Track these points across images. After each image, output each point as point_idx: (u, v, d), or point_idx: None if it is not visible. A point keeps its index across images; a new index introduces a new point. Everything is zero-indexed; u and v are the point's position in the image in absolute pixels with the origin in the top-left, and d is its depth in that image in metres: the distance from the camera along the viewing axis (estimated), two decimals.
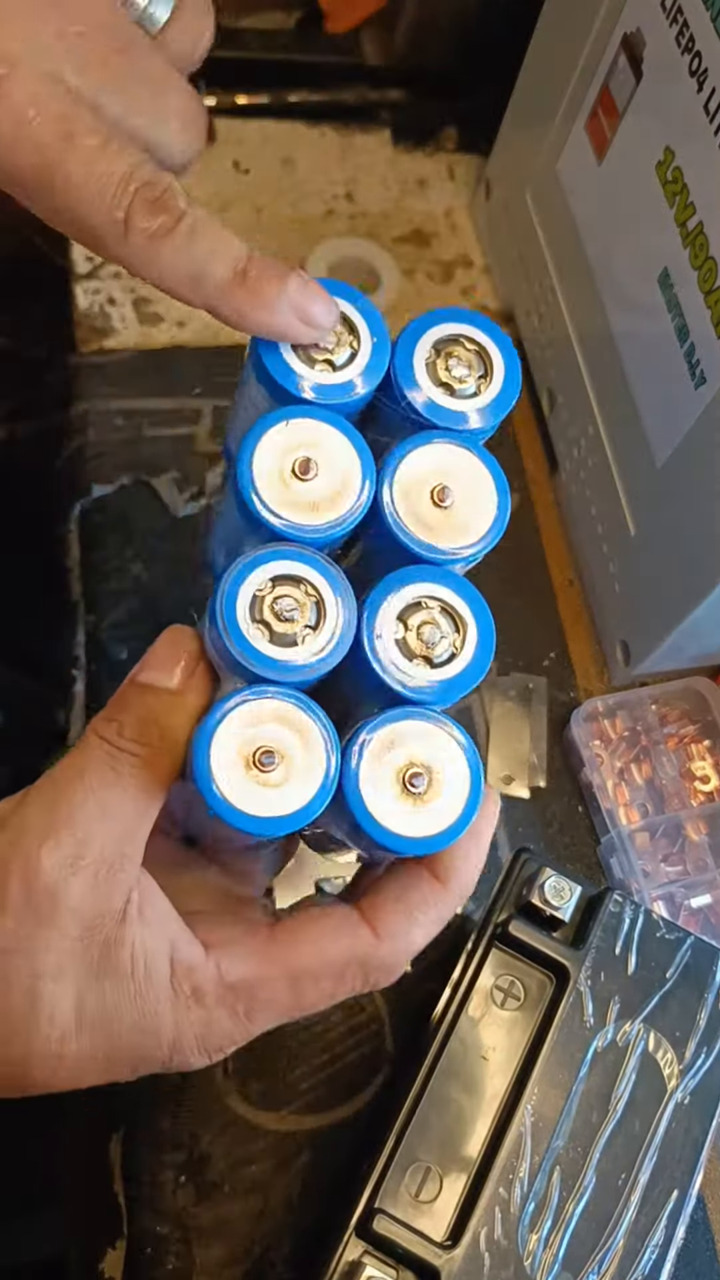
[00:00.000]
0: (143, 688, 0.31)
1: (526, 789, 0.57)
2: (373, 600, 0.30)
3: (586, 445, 0.60)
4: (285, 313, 0.30)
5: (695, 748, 0.59)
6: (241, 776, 0.29)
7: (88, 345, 0.63)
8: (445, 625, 0.31)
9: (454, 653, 0.31)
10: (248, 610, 0.29)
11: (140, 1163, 0.46)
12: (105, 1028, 0.30)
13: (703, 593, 0.50)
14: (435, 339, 0.33)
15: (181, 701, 0.31)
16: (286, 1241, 0.46)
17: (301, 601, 0.30)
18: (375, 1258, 0.39)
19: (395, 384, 0.32)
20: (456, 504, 0.32)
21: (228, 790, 0.29)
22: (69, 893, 0.29)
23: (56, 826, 0.29)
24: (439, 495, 0.32)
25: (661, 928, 0.44)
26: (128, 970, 0.30)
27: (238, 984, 0.31)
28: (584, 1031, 0.42)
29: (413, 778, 0.30)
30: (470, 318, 0.33)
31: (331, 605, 0.30)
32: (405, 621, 0.31)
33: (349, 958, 0.32)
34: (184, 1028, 0.31)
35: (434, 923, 0.33)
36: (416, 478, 0.32)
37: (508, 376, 0.33)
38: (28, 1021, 0.30)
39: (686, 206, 0.48)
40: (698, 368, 0.48)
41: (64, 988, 0.30)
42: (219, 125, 0.72)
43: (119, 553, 0.57)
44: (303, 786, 0.29)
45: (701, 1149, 0.41)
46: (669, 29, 0.48)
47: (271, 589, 0.30)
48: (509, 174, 0.67)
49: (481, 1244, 0.39)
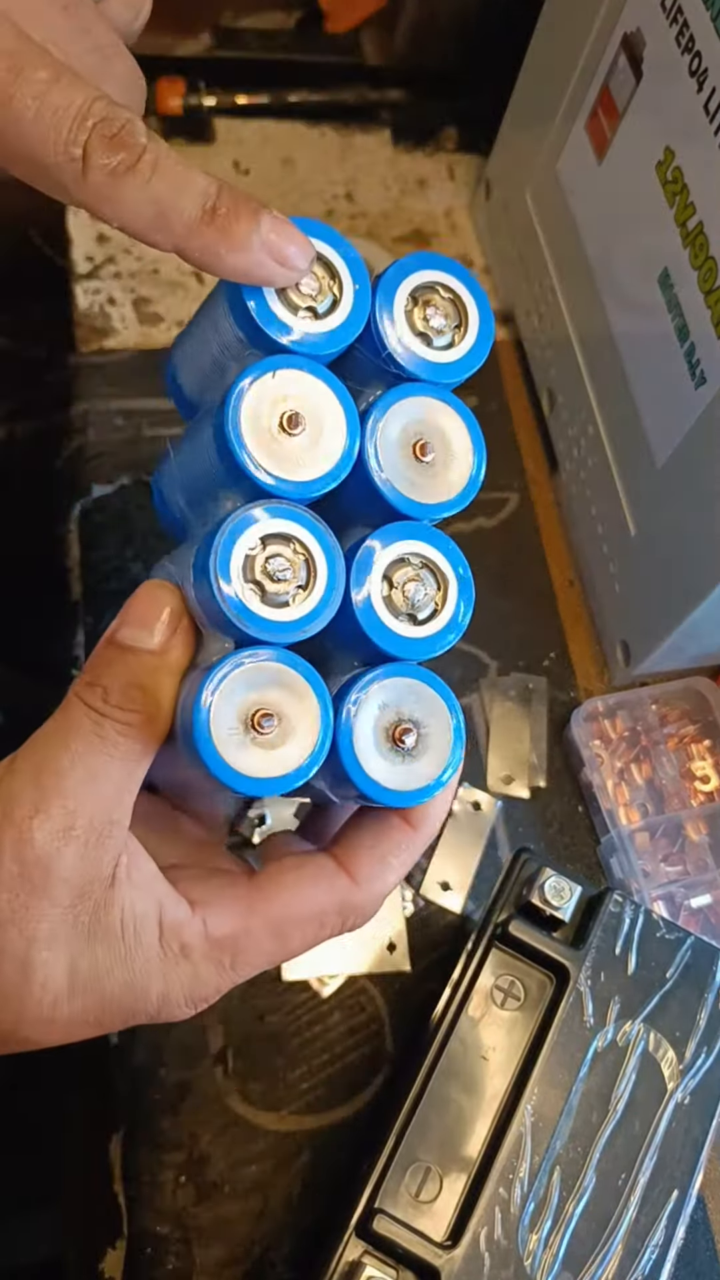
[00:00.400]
0: (123, 648, 0.31)
1: (526, 789, 0.57)
2: (361, 559, 0.30)
3: (587, 445, 0.60)
4: (258, 252, 0.28)
5: (695, 748, 0.59)
6: (241, 739, 0.29)
7: (88, 345, 0.63)
8: (429, 582, 0.31)
9: (435, 609, 0.31)
10: (241, 570, 0.29)
11: (140, 1163, 0.46)
12: (97, 990, 0.31)
13: (703, 593, 0.50)
14: (413, 287, 0.31)
15: (165, 662, 0.31)
16: (286, 1241, 0.46)
17: (292, 560, 0.29)
18: (375, 1258, 0.39)
19: (375, 334, 0.31)
20: (437, 458, 0.31)
21: (228, 754, 0.28)
22: (61, 863, 0.29)
23: (46, 797, 0.29)
24: (421, 450, 0.31)
25: (661, 928, 0.44)
26: (118, 933, 0.30)
27: (223, 939, 0.32)
28: (584, 1031, 0.42)
29: (402, 734, 0.30)
30: (445, 264, 0.32)
31: (321, 565, 0.29)
32: (390, 579, 0.30)
33: (329, 904, 0.33)
34: (172, 983, 0.32)
35: (405, 865, 0.34)
36: (398, 432, 0.31)
37: (482, 326, 0.32)
38: (20, 990, 0.30)
39: (686, 206, 0.48)
40: (698, 368, 0.48)
41: (56, 955, 0.30)
42: (219, 125, 0.72)
43: (119, 552, 0.57)
44: (299, 746, 0.29)
45: (701, 1149, 0.41)
46: (669, 29, 0.48)
47: (263, 548, 0.29)
48: (509, 174, 0.67)
49: (481, 1244, 0.39)
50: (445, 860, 0.54)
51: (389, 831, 0.33)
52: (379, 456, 0.31)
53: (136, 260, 0.66)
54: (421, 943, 0.52)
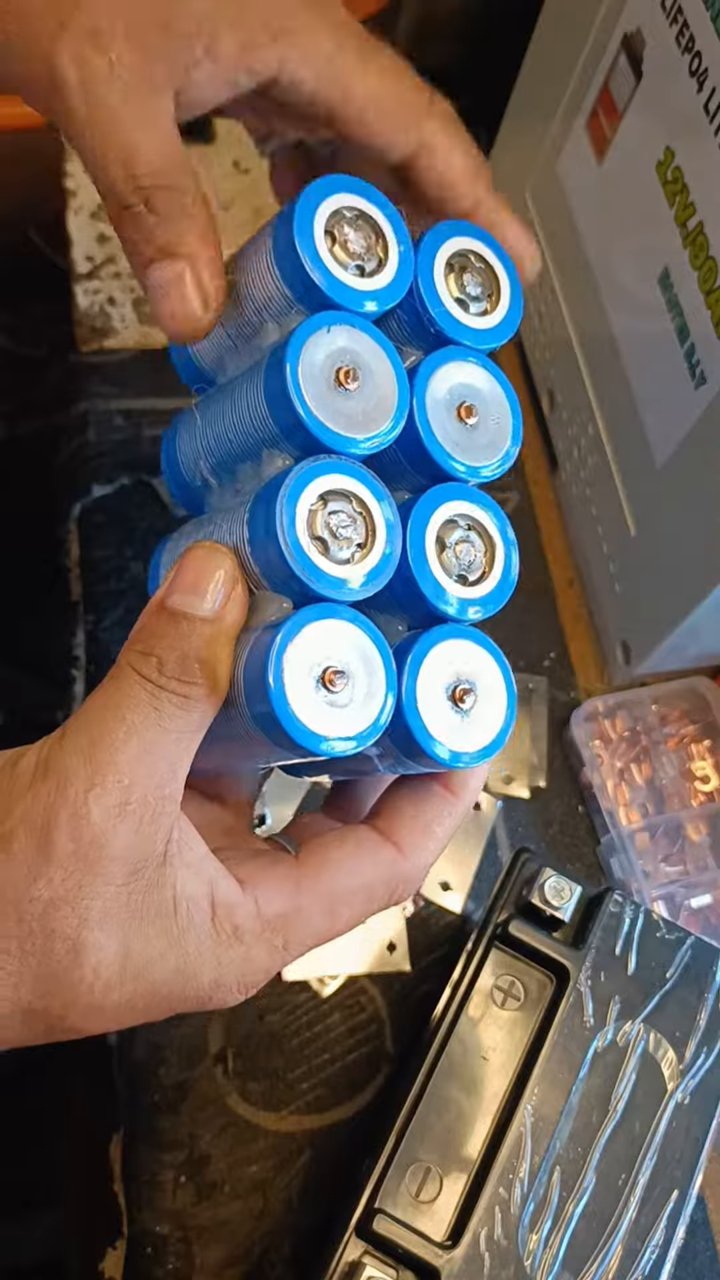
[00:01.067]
0: (175, 615, 0.29)
1: (527, 789, 0.57)
2: (416, 519, 0.30)
3: (587, 445, 0.60)
4: None
5: (695, 748, 0.59)
6: (314, 698, 0.28)
7: (88, 345, 0.63)
8: (477, 543, 0.31)
9: (485, 571, 0.31)
10: (306, 526, 0.28)
11: (140, 1163, 0.46)
12: (148, 974, 0.30)
13: (703, 593, 0.50)
14: (450, 253, 0.32)
15: (221, 629, 0.29)
16: (286, 1242, 0.46)
17: (354, 517, 0.29)
18: (375, 1258, 0.39)
19: (418, 297, 0.31)
20: (480, 421, 0.32)
21: (303, 713, 0.28)
22: (115, 839, 0.28)
23: (101, 771, 0.28)
24: (466, 412, 0.31)
25: (661, 928, 0.44)
26: (170, 912, 0.30)
27: (275, 918, 0.31)
28: (584, 1031, 0.42)
29: (462, 695, 0.30)
30: (478, 233, 0.33)
31: (380, 522, 0.29)
32: (443, 540, 0.30)
33: (376, 877, 0.32)
34: (225, 966, 0.31)
35: (448, 834, 0.33)
36: (444, 394, 0.31)
37: (513, 295, 0.33)
38: (71, 974, 0.29)
39: (687, 206, 0.48)
40: (698, 368, 0.48)
41: (109, 936, 0.29)
42: (219, 125, 0.72)
43: (118, 552, 0.57)
44: (365, 707, 0.29)
45: (701, 1149, 0.41)
46: (669, 29, 0.48)
47: (323, 505, 0.28)
48: (509, 174, 0.67)
49: (481, 1244, 0.39)
50: (445, 860, 0.54)
51: (431, 799, 0.33)
52: (429, 416, 0.31)
53: None
54: (421, 943, 0.52)
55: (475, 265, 0.33)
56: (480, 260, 0.33)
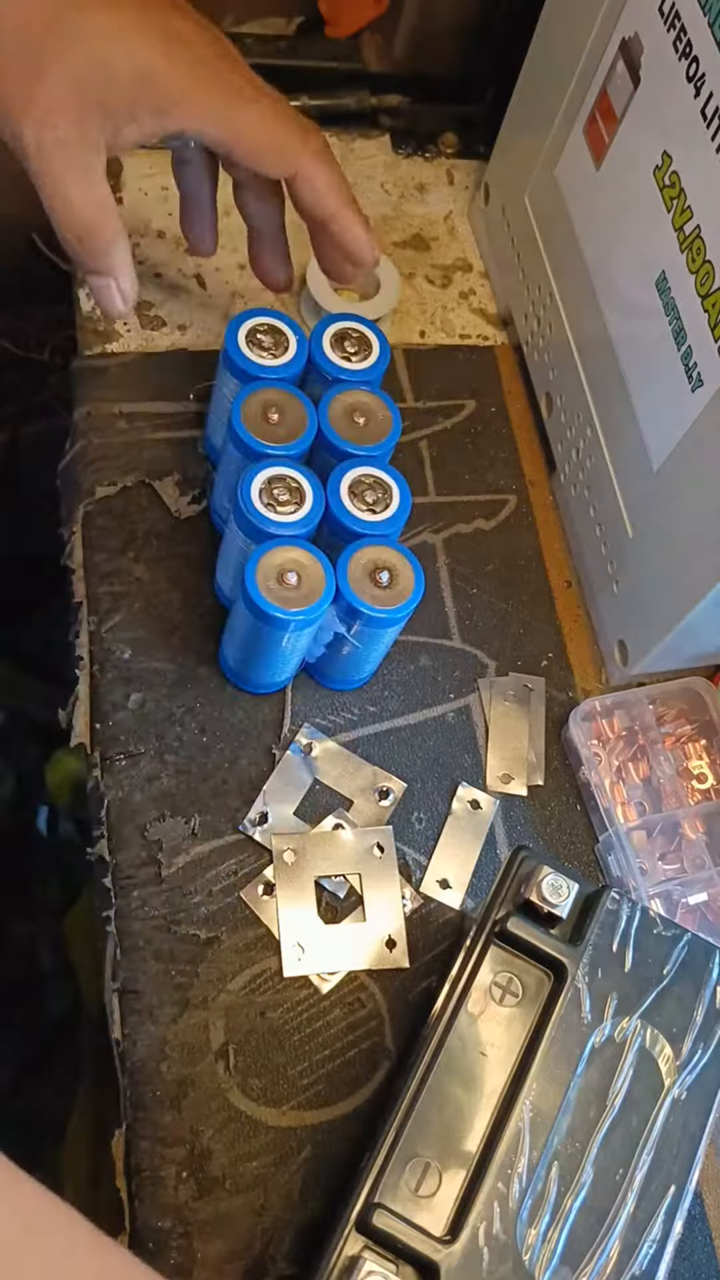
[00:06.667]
0: None
1: (525, 788, 0.57)
2: (333, 481, 0.51)
3: (584, 447, 0.60)
4: None
5: (692, 747, 0.59)
6: (276, 589, 0.48)
7: (90, 349, 0.64)
8: (378, 490, 0.51)
9: (386, 504, 0.51)
10: (258, 496, 0.49)
11: (142, 1158, 0.46)
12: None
13: (700, 594, 0.50)
14: (333, 332, 0.54)
15: None
16: (287, 1237, 0.46)
17: (293, 487, 0.50)
18: (375, 1252, 0.39)
19: (317, 359, 0.54)
20: (368, 421, 0.53)
21: (270, 598, 0.47)
22: None
23: None
24: (358, 415, 0.53)
25: (658, 925, 0.44)
26: None
27: None
28: (582, 1028, 0.42)
29: (378, 573, 0.50)
30: (348, 317, 0.55)
31: (307, 491, 0.50)
32: (354, 491, 0.51)
33: None
34: None
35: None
36: (343, 408, 0.53)
37: (380, 349, 0.55)
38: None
39: (684, 211, 0.49)
40: (694, 371, 0.49)
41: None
42: None
43: (121, 554, 0.58)
44: (313, 593, 0.48)
45: (698, 1144, 0.42)
46: (666, 34, 0.49)
47: (269, 485, 0.49)
48: (508, 179, 0.67)
49: (480, 1239, 0.39)
50: (444, 858, 0.54)
51: None
52: (333, 421, 0.53)
53: (139, 265, 0.66)
54: (421, 940, 0.52)
55: (353, 336, 0.54)
56: (355, 332, 0.54)
